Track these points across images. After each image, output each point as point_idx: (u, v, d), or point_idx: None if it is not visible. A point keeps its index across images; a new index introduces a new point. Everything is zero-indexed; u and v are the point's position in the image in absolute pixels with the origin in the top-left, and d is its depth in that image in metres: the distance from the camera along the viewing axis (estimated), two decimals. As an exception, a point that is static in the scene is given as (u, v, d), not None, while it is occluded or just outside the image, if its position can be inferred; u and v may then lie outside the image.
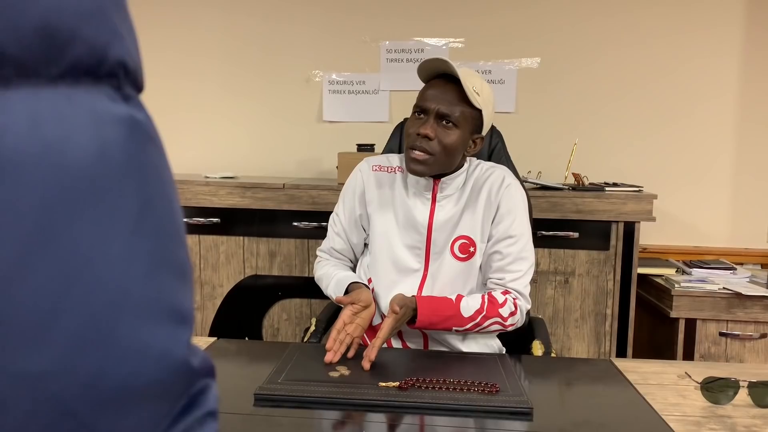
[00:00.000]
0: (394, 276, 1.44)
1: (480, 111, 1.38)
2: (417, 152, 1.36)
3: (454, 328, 1.36)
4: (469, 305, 1.36)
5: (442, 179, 1.44)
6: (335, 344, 1.24)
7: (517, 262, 1.41)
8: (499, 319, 1.37)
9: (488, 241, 1.43)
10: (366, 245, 1.53)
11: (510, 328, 1.40)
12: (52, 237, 0.25)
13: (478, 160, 1.52)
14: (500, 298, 1.38)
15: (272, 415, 1.00)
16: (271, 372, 1.14)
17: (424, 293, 1.42)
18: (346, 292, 1.41)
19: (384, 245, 1.45)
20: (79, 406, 0.26)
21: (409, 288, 1.42)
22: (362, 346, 1.28)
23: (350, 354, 1.25)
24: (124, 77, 0.29)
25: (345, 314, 1.30)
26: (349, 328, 1.28)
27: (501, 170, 1.47)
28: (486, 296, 1.39)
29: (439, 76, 1.39)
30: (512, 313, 1.38)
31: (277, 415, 1.00)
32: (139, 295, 0.28)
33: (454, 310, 1.35)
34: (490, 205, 1.42)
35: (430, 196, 1.44)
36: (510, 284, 1.41)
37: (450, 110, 1.35)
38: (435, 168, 1.39)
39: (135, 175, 0.28)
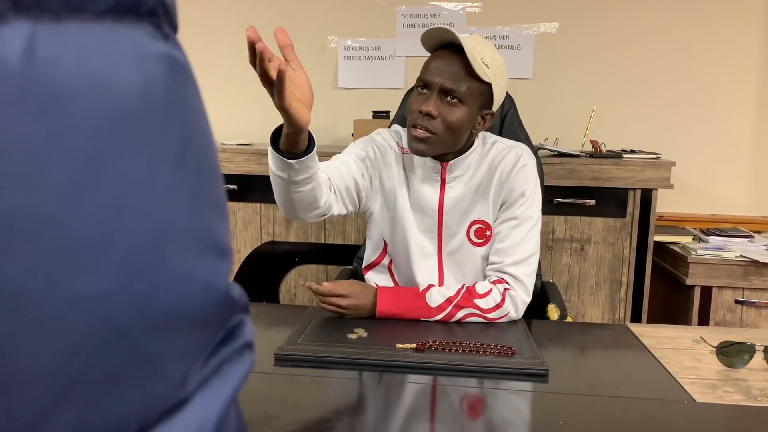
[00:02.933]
0: (415, 259, 1.39)
1: (489, 85, 1.26)
2: (418, 130, 1.26)
3: (421, 318, 1.27)
4: (441, 294, 1.27)
5: (451, 162, 1.34)
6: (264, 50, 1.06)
7: (519, 246, 1.31)
8: (475, 311, 1.26)
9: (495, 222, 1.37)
10: (362, 213, 1.46)
11: (497, 322, 1.28)
12: (103, 167, 0.26)
13: (495, 137, 1.42)
14: (483, 289, 1.27)
15: (292, 374, 1.03)
16: (291, 333, 1.16)
17: (445, 277, 1.39)
18: (275, 134, 1.29)
19: (401, 228, 1.39)
20: (131, 329, 0.27)
21: (428, 271, 1.39)
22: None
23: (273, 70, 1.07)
24: (163, 15, 0.30)
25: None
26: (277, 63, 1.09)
27: (517, 150, 1.36)
28: (465, 286, 1.29)
29: (446, 46, 1.28)
30: (497, 306, 1.26)
31: (296, 374, 1.03)
32: (184, 227, 0.29)
33: (421, 301, 1.27)
34: (501, 187, 1.34)
35: (439, 179, 1.36)
36: (508, 269, 1.30)
37: (455, 85, 1.24)
38: (438, 147, 1.28)
39: (176, 111, 0.29)
